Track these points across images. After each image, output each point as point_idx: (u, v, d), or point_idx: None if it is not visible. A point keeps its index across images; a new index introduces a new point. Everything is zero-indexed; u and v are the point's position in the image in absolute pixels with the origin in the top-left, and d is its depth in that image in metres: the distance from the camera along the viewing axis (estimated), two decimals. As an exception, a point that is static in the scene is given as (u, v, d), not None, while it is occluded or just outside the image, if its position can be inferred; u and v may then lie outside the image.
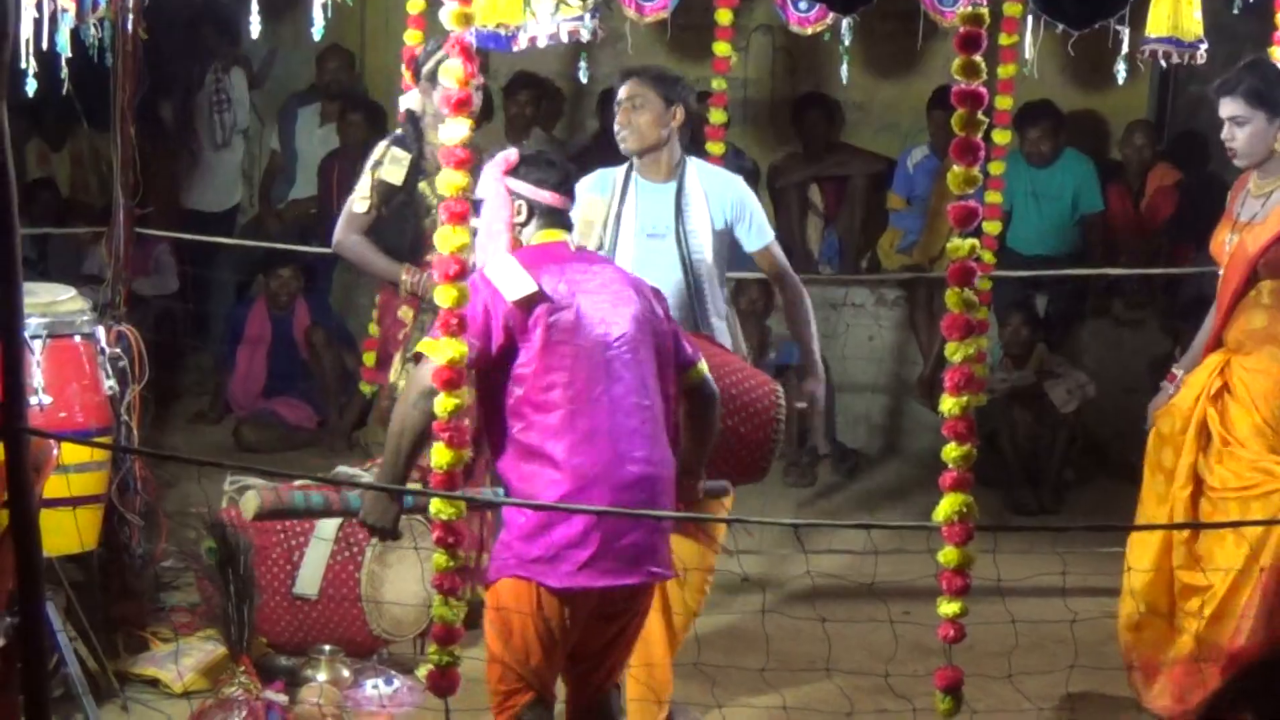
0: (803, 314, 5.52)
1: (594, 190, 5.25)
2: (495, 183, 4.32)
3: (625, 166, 5.40)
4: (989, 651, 5.24)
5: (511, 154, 4.34)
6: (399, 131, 5.91)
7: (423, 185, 5.76)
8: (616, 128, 5.36)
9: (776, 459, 5.15)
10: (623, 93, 5.33)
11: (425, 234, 5.59)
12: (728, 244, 5.47)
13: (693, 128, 5.61)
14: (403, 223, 5.83)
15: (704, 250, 5.34)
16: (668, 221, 5.32)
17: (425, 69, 5.74)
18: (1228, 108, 5.06)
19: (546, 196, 4.31)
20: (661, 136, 5.31)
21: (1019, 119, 7.25)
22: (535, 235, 4.32)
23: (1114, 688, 5.53)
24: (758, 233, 5.46)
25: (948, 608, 4.66)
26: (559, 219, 4.35)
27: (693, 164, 5.45)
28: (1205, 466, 5.16)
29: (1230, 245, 5.18)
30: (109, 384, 5.32)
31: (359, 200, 5.78)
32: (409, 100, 5.88)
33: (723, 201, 5.40)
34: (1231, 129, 5.05)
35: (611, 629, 4.28)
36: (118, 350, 5.43)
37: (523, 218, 4.30)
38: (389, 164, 5.76)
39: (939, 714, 4.74)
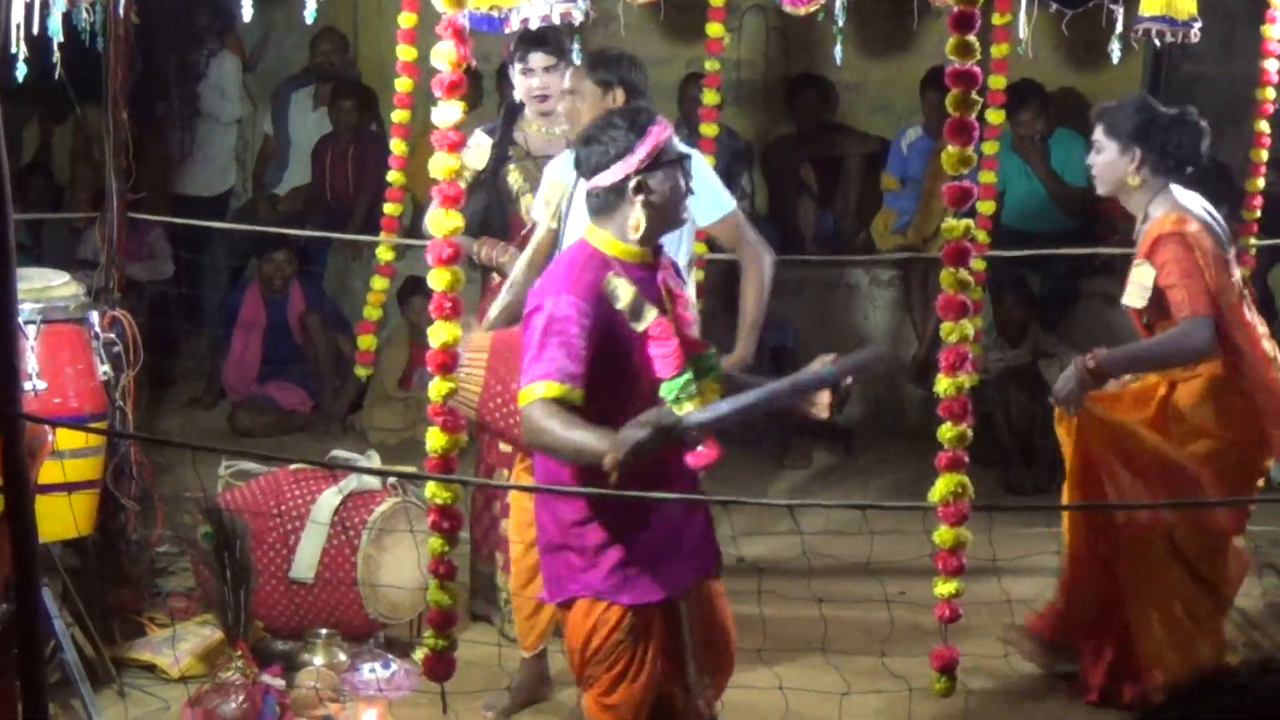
0: (756, 288, 5.25)
1: (559, 174, 5.13)
2: None
3: None
4: (984, 631, 5.26)
5: None
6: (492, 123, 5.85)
7: (512, 171, 5.69)
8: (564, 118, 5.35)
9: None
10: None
11: (513, 219, 5.60)
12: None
13: (644, 100, 5.50)
14: (491, 210, 5.76)
15: None
16: None
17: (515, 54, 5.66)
18: (1094, 132, 5.14)
19: None
20: None
21: (1006, 102, 7.23)
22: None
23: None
24: (709, 206, 5.19)
25: (943, 588, 4.67)
26: None
27: None
28: None
29: None
30: (103, 369, 5.31)
31: None
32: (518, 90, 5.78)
33: None
34: (1092, 154, 5.13)
35: None
36: (112, 335, 5.43)
37: None
38: (473, 149, 5.64)
39: (934, 693, 4.76)
